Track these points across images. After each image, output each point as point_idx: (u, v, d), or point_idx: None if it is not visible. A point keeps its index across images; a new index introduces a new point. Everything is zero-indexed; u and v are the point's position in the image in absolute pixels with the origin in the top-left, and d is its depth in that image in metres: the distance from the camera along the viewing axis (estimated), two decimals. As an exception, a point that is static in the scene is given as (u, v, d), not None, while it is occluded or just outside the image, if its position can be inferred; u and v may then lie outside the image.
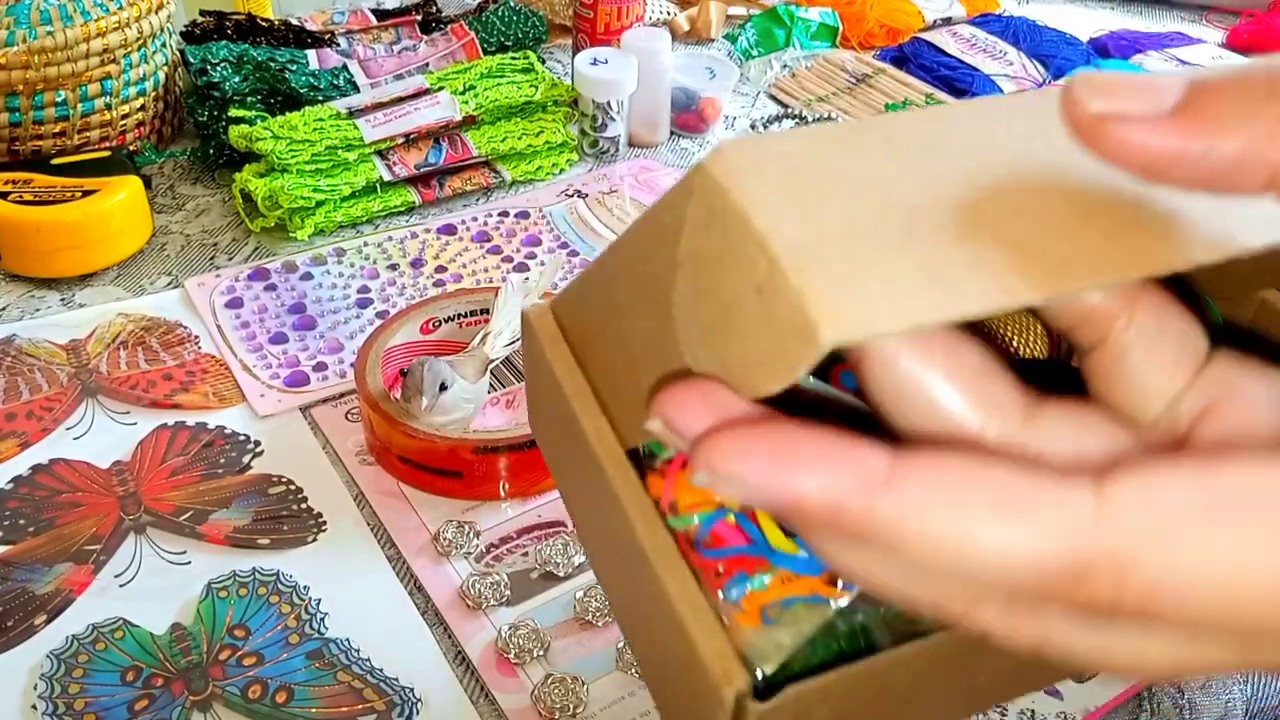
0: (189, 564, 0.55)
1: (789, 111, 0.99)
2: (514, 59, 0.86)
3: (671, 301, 0.25)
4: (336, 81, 0.84)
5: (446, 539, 0.56)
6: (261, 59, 0.83)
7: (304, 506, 0.59)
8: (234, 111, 0.80)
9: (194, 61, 0.82)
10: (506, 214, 0.82)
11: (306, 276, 0.75)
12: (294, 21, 0.92)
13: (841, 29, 1.10)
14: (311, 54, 0.86)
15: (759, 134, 0.24)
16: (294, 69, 0.83)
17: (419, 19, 0.93)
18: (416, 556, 0.56)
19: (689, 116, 0.94)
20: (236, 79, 0.82)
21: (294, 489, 0.60)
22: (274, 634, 0.52)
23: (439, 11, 0.96)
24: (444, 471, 0.58)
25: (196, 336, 0.70)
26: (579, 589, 0.54)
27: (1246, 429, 0.19)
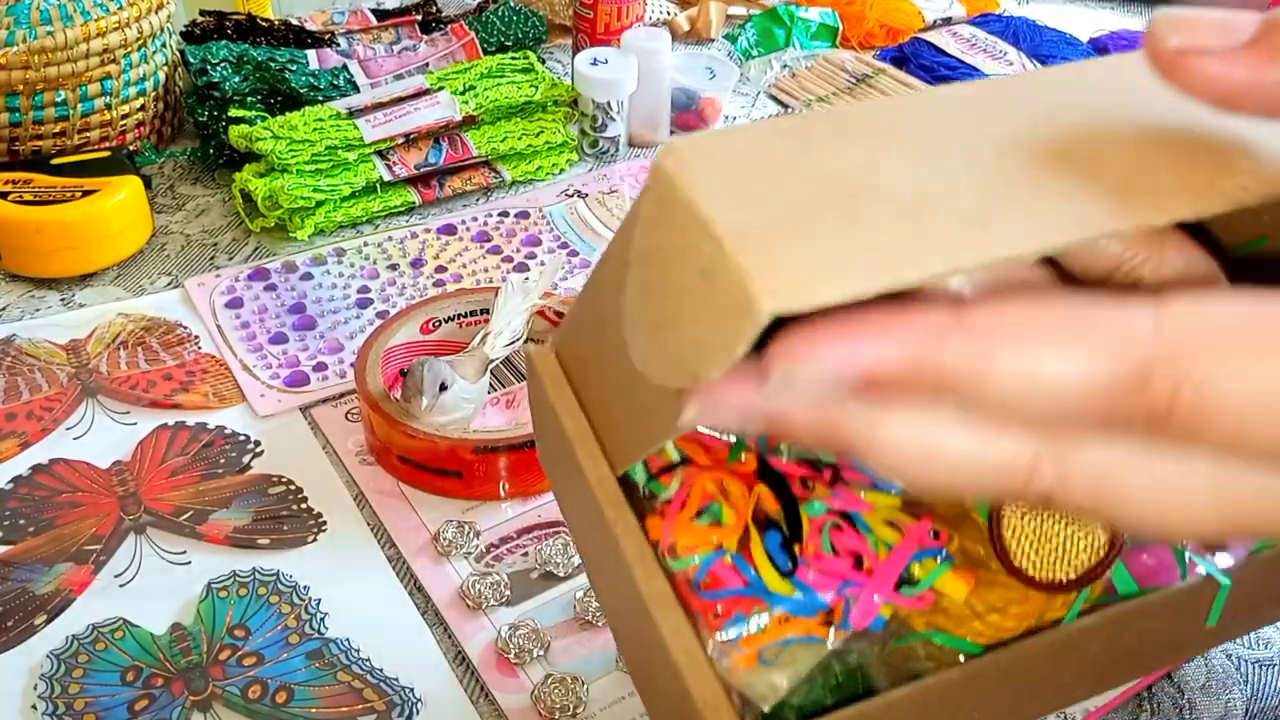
0: (189, 564, 0.55)
1: (789, 112, 0.99)
2: (514, 59, 0.86)
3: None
4: (336, 81, 0.84)
5: (446, 539, 0.56)
6: (261, 59, 0.83)
7: (304, 506, 0.59)
8: (234, 111, 0.80)
9: (194, 61, 0.82)
10: (506, 214, 0.82)
11: (306, 276, 0.75)
12: (294, 21, 0.92)
13: (841, 29, 1.10)
14: (311, 54, 0.86)
15: (713, 130, 0.25)
16: (294, 69, 0.83)
17: (419, 19, 0.93)
18: (416, 556, 0.56)
19: (689, 116, 0.94)
20: (236, 79, 0.82)
21: (294, 489, 0.60)
22: (274, 634, 0.52)
23: (439, 11, 0.96)
24: (444, 471, 0.58)
25: (196, 336, 0.70)
26: (579, 589, 0.54)
27: None
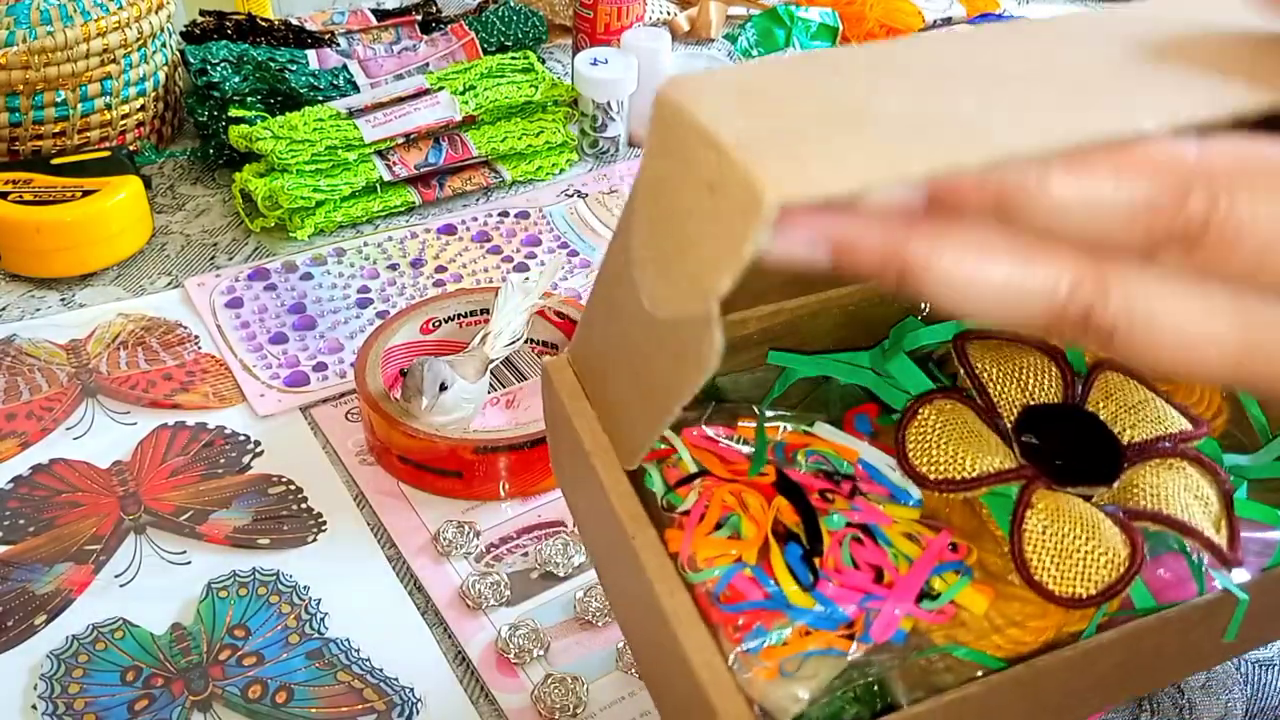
0: (189, 564, 0.55)
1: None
2: (514, 59, 0.86)
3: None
4: (336, 81, 0.84)
5: (446, 539, 0.56)
6: (261, 59, 0.83)
7: (304, 506, 0.59)
8: (234, 111, 0.80)
9: (194, 61, 0.82)
10: (506, 214, 0.82)
11: (306, 276, 0.75)
12: (294, 21, 0.92)
13: (841, 29, 1.10)
14: (311, 54, 0.86)
15: (710, 68, 0.25)
16: (294, 69, 0.83)
17: (419, 19, 0.93)
18: (416, 556, 0.56)
19: (689, 116, 0.94)
20: (236, 79, 0.82)
21: (294, 489, 0.60)
22: (274, 634, 0.52)
23: (439, 11, 0.96)
24: (444, 471, 0.58)
25: (196, 336, 0.70)
26: (579, 589, 0.54)
27: None
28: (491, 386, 0.63)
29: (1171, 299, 0.22)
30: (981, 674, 0.33)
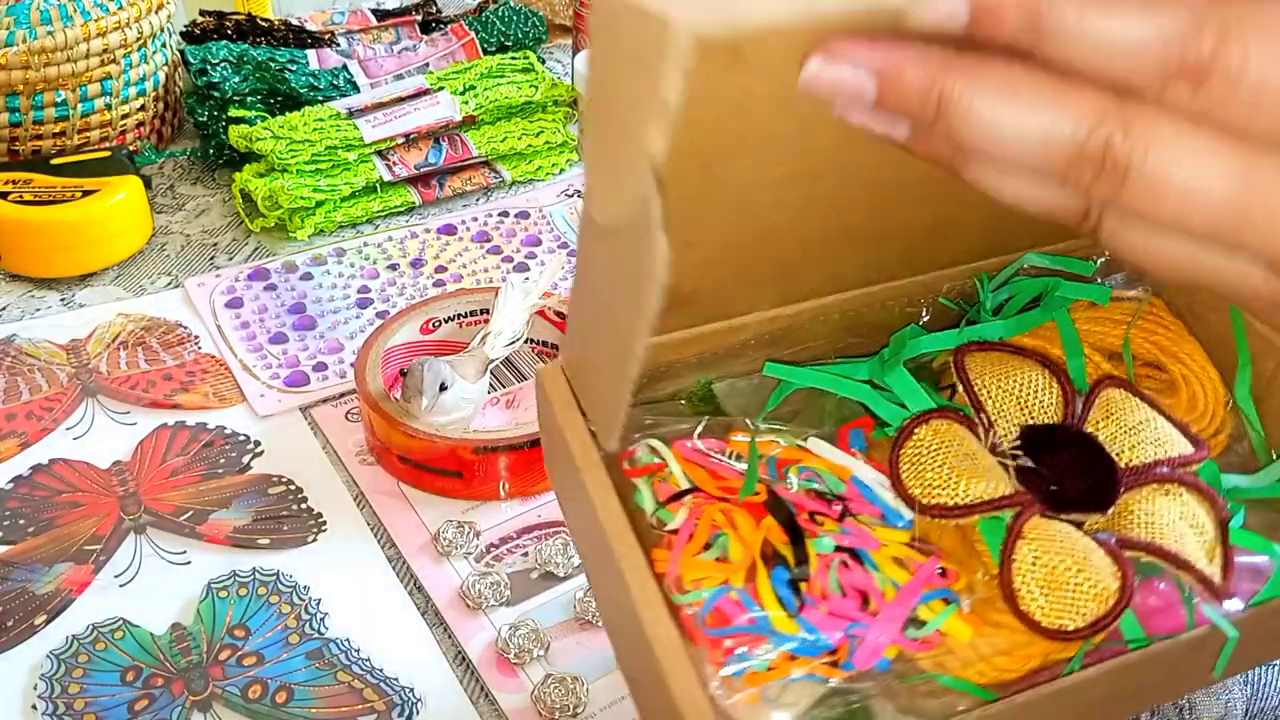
0: (189, 564, 0.55)
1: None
2: (514, 59, 0.86)
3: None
4: (336, 81, 0.84)
5: (446, 539, 0.56)
6: (261, 59, 0.83)
7: (304, 506, 0.59)
8: (234, 111, 0.80)
9: (194, 61, 0.82)
10: (506, 214, 0.82)
11: (306, 276, 0.75)
12: (294, 21, 0.92)
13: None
14: (311, 54, 0.86)
15: None
16: (294, 69, 0.83)
17: (419, 19, 0.93)
18: (416, 556, 0.56)
19: (689, 116, 0.94)
20: (236, 79, 0.82)
21: (294, 489, 0.60)
22: (274, 634, 0.52)
23: (439, 11, 0.96)
24: (444, 471, 0.58)
25: (196, 336, 0.70)
26: (579, 589, 0.54)
27: None
28: (491, 386, 0.63)
29: (1181, 138, 0.22)
30: (965, 704, 0.33)
